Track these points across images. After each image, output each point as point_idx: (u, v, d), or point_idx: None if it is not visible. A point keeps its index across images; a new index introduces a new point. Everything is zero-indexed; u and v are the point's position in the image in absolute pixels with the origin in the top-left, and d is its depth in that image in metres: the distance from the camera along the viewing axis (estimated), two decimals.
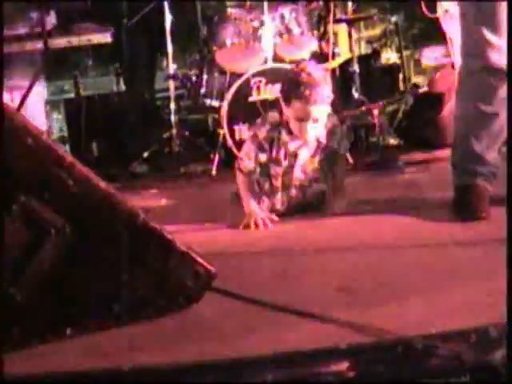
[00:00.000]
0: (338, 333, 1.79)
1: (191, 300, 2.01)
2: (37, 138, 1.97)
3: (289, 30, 5.13)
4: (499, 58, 2.86)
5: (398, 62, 7.24)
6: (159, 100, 7.11)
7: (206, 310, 1.99)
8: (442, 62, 6.49)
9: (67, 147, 6.50)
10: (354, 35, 6.04)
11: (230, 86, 5.00)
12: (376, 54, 6.82)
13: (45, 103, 5.99)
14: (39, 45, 4.81)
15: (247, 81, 4.82)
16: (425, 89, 6.12)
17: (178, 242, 2.02)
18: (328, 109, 3.34)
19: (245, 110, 4.76)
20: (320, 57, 5.21)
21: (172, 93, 5.39)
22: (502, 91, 2.90)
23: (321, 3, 5.36)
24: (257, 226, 3.15)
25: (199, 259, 2.04)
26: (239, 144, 4.65)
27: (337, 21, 5.88)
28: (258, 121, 3.48)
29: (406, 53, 9.20)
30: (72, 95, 6.80)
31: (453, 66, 5.09)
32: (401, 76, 7.01)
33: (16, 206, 1.93)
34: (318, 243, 2.75)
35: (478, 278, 2.14)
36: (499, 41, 2.84)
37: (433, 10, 4.89)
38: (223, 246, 2.85)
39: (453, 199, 3.03)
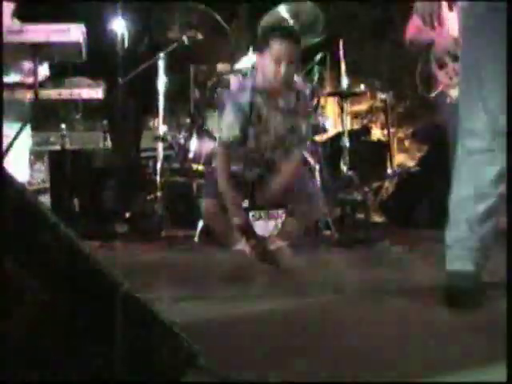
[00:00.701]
0: None
1: (172, 378, 1.90)
2: (21, 196, 1.88)
3: None
4: (500, 140, 2.82)
5: (384, 139, 7.28)
6: (145, 159, 7.07)
7: None
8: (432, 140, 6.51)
9: (48, 199, 6.41)
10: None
11: None
12: (366, 129, 6.84)
13: (29, 153, 5.91)
14: (29, 95, 4.75)
15: None
16: (413, 169, 6.14)
17: (161, 315, 1.92)
18: None
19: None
20: (311, 129, 5.18)
21: (160, 154, 5.32)
22: (498, 172, 2.85)
23: (315, 77, 5.35)
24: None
25: (183, 335, 1.93)
26: None
27: (330, 94, 5.89)
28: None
29: (391, 130, 9.23)
30: (58, 147, 6.74)
31: (443, 145, 5.06)
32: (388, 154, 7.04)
33: None
34: (304, 325, 2.64)
35: (474, 370, 2.05)
36: (503, 124, 2.79)
37: (428, 90, 4.90)
38: (206, 319, 2.73)
39: (446, 284, 2.93)
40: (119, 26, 6.62)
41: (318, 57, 5.27)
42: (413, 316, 2.76)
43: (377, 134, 8.43)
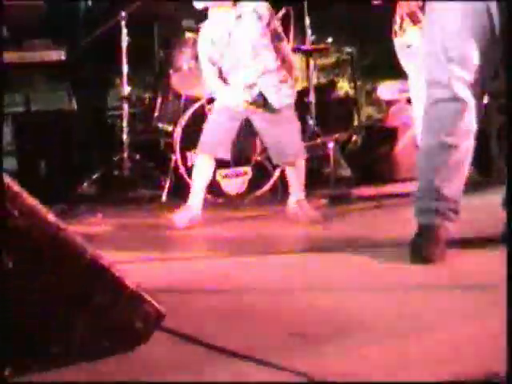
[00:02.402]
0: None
1: (139, 341, 1.93)
2: None
3: None
4: (464, 90, 2.85)
5: (352, 92, 7.27)
6: (111, 118, 6.99)
7: (155, 351, 1.91)
8: (397, 96, 6.52)
9: (14, 162, 6.34)
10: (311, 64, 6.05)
11: (184, 110, 4.92)
12: (332, 84, 6.83)
13: None
14: None
15: (202, 107, 4.72)
16: (378, 123, 6.16)
17: (126, 280, 1.93)
18: None
19: (198, 137, 4.66)
20: None
21: (125, 114, 5.27)
22: (464, 123, 2.89)
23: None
24: None
25: (148, 297, 1.96)
26: (191, 171, 4.57)
27: (294, 50, 5.85)
28: None
29: (358, 82, 9.14)
30: (21, 109, 6.66)
31: (408, 101, 5.10)
32: (355, 108, 7.05)
33: None
34: (269, 283, 2.66)
35: (438, 327, 2.09)
36: (466, 75, 2.84)
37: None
38: (172, 281, 2.74)
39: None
40: None
41: (281, 13, 5.23)
42: (378, 271, 2.79)
43: (344, 87, 8.40)
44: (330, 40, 6.25)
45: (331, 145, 5.14)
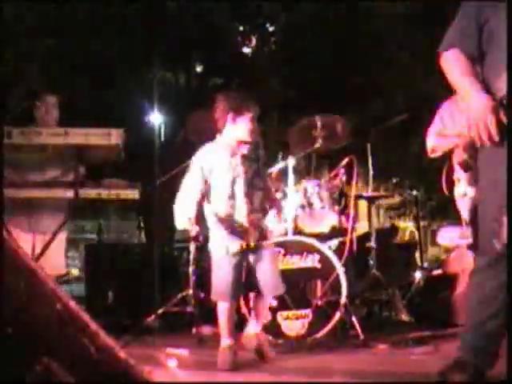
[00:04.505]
0: None
1: None
2: (65, 305, 2.06)
3: (310, 204, 5.29)
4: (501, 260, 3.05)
5: (415, 231, 7.37)
6: (179, 250, 7.17)
7: None
8: (457, 242, 6.62)
9: (83, 288, 6.55)
10: (374, 207, 6.21)
11: None
12: (394, 229, 6.98)
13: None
14: (69, 193, 4.94)
15: None
16: (439, 270, 6.23)
17: None
18: None
19: None
20: (339, 231, 5.35)
21: (192, 252, 5.45)
22: (498, 284, 3.07)
23: (343, 179, 5.54)
24: None
25: None
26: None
27: (358, 197, 6.05)
28: None
29: (423, 223, 9.28)
30: (92, 236, 6.93)
31: (469, 248, 5.21)
32: (417, 250, 7.13)
33: (39, 367, 1.99)
34: None
35: None
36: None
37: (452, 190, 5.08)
38: None
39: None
40: (156, 120, 6.87)
41: (345, 161, 5.47)
42: None
43: (409, 227, 8.49)
44: (394, 181, 6.45)
45: (392, 290, 5.24)
